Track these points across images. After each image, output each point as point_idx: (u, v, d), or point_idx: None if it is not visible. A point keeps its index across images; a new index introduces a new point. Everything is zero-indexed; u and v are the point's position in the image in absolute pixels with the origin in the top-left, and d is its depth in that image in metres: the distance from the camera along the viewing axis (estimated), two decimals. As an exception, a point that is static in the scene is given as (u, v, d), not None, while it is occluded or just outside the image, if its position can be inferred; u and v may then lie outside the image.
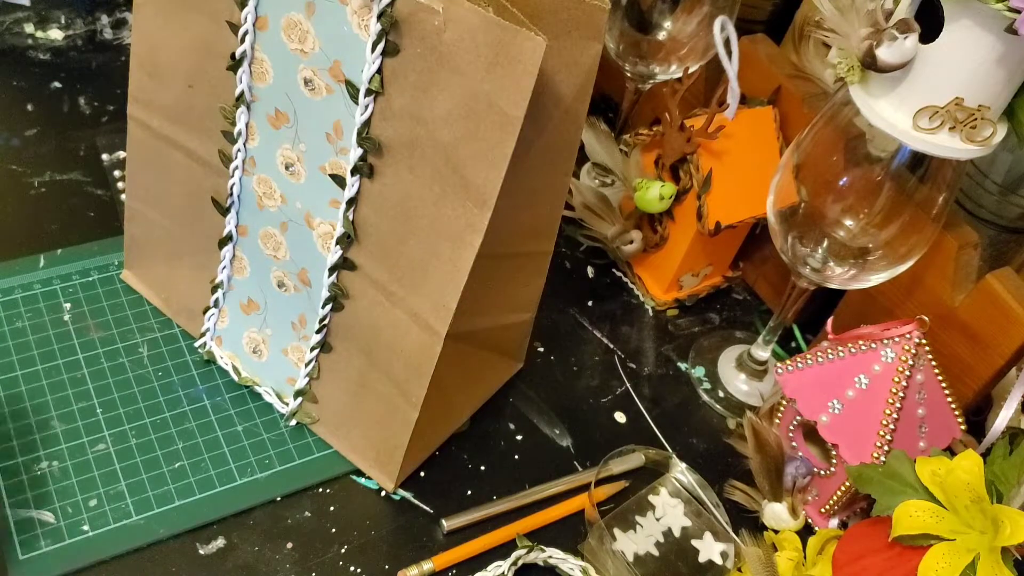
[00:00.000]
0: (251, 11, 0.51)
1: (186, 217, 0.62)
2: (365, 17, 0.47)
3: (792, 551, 0.62)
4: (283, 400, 0.63)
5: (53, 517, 0.56)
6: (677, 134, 0.71)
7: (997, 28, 0.49)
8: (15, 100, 0.79)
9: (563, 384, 0.72)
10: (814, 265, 0.64)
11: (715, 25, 0.68)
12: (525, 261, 0.60)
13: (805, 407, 0.62)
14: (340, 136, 0.52)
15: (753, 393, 0.74)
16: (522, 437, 0.67)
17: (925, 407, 0.61)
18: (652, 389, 0.73)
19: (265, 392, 0.64)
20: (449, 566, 0.59)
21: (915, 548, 0.53)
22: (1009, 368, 0.64)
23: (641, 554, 0.62)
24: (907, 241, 0.61)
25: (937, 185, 0.59)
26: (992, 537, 0.52)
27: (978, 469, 0.53)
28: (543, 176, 0.55)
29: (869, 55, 0.52)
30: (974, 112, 0.52)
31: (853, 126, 0.58)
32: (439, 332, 0.53)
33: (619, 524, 0.63)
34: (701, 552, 0.63)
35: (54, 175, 0.75)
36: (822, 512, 0.65)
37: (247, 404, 0.64)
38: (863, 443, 0.60)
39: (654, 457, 0.67)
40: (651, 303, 0.79)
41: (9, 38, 0.84)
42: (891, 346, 0.60)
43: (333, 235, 0.55)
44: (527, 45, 0.43)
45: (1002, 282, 0.62)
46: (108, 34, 0.87)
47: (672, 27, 0.75)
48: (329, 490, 0.62)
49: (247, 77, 0.54)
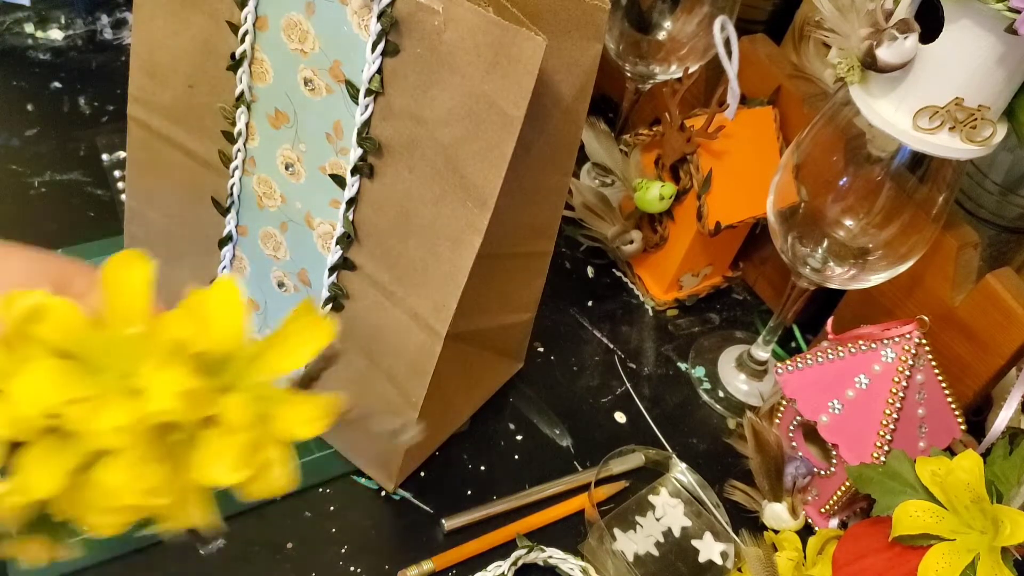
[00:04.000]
0: (251, 11, 0.51)
1: (186, 217, 0.62)
2: (365, 17, 0.47)
3: (792, 551, 0.62)
4: (283, 400, 0.63)
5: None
6: (677, 134, 0.71)
7: (997, 28, 0.49)
8: (15, 100, 0.79)
9: (563, 384, 0.72)
10: (814, 265, 0.64)
11: (715, 25, 0.68)
12: (525, 261, 0.60)
13: (805, 407, 0.62)
14: (340, 136, 0.52)
15: (753, 393, 0.74)
16: (522, 437, 0.67)
17: (925, 407, 0.61)
18: (652, 389, 0.73)
19: (265, 392, 0.64)
20: (449, 566, 0.59)
21: (915, 548, 0.53)
22: (1009, 368, 0.64)
23: (641, 554, 0.62)
24: (907, 241, 0.61)
25: (937, 185, 0.59)
26: (992, 537, 0.52)
27: (978, 469, 0.53)
28: (543, 176, 0.55)
29: (869, 55, 0.52)
30: (974, 112, 0.52)
31: (853, 126, 0.58)
32: (439, 332, 0.53)
33: (619, 524, 0.63)
34: (701, 552, 0.63)
35: (54, 175, 0.75)
36: (822, 512, 0.65)
37: (247, 404, 0.64)
38: (863, 443, 0.60)
39: (654, 457, 0.67)
40: (651, 303, 0.79)
41: (9, 38, 0.84)
42: (891, 346, 0.60)
43: (333, 235, 0.55)
44: (527, 45, 0.43)
45: (1002, 282, 0.62)
46: (108, 34, 0.87)
47: (672, 27, 0.75)
48: (329, 490, 0.61)
49: (247, 77, 0.54)
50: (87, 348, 0.33)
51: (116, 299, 0.33)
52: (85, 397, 0.31)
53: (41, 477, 0.31)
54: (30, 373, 0.31)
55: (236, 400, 0.33)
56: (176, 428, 0.33)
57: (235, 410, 0.33)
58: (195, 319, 0.34)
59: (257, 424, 0.34)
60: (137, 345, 0.33)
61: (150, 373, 0.32)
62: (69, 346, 0.32)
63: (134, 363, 0.32)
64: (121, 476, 0.32)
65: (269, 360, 0.35)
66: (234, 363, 0.35)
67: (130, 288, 0.33)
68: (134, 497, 0.32)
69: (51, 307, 0.32)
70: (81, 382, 0.32)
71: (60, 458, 0.32)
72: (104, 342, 0.33)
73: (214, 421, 0.33)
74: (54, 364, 0.32)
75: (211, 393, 0.33)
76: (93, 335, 0.33)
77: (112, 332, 0.33)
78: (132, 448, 0.32)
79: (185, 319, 0.33)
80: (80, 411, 0.31)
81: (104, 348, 0.33)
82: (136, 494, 0.32)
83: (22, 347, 0.32)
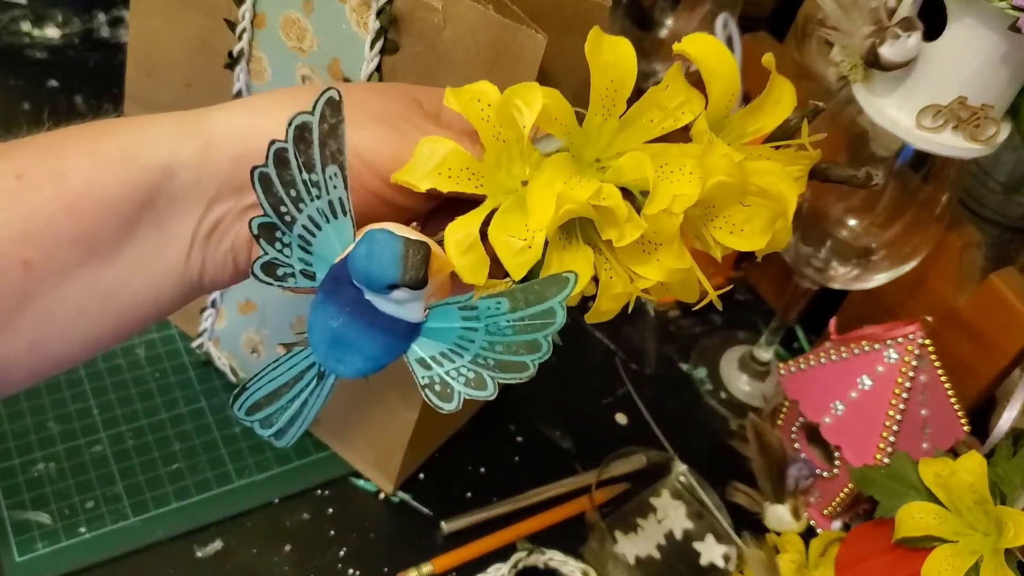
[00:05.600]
0: (249, 8, 0.51)
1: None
2: (364, 15, 0.47)
3: (794, 553, 0.61)
4: (281, 401, 0.63)
5: (50, 519, 0.56)
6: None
7: (1000, 26, 0.49)
8: (11, 99, 0.79)
9: (564, 385, 0.71)
10: (817, 265, 0.63)
11: (717, 23, 0.68)
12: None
13: (808, 408, 0.62)
14: (339, 135, 0.51)
15: (755, 394, 0.74)
16: (522, 439, 0.67)
17: (928, 408, 0.60)
18: (653, 390, 0.73)
19: (263, 393, 0.63)
20: (449, 569, 0.59)
21: (918, 550, 0.53)
22: (1013, 368, 0.64)
23: (642, 556, 0.61)
24: (910, 241, 0.60)
25: (940, 184, 0.58)
26: (995, 539, 0.51)
27: (981, 470, 0.53)
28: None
29: (872, 53, 0.52)
30: (977, 111, 0.52)
31: (856, 125, 0.58)
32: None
33: (620, 526, 0.63)
34: (703, 554, 0.62)
35: (51, 175, 0.74)
36: (825, 514, 0.65)
37: (245, 405, 0.64)
38: (866, 444, 0.59)
39: (655, 459, 0.67)
40: (652, 303, 0.79)
41: (5, 36, 0.83)
42: (894, 347, 0.59)
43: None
44: (527, 43, 0.43)
45: (1006, 282, 0.62)
46: (105, 32, 0.87)
47: (674, 25, 0.75)
48: (327, 492, 0.61)
49: (245, 75, 0.53)
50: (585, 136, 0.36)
51: (602, 75, 0.36)
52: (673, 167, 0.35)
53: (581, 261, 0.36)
54: (548, 173, 0.34)
55: (768, 166, 0.37)
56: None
57: (770, 176, 0.37)
58: (682, 87, 0.37)
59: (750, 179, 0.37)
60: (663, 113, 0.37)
61: (708, 151, 0.35)
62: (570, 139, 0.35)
63: (664, 121, 0.37)
64: (668, 258, 0.36)
65: (756, 119, 0.39)
66: (730, 123, 0.38)
67: (616, 70, 0.36)
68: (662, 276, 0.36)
69: (548, 97, 0.34)
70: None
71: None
72: (597, 128, 0.36)
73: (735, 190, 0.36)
74: (566, 160, 0.35)
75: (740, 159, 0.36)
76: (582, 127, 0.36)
77: (601, 119, 0.36)
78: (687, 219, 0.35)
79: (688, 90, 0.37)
80: (645, 181, 0.35)
81: (604, 134, 0.36)
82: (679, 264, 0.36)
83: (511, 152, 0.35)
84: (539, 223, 0.34)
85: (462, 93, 0.35)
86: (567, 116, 0.35)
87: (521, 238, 0.34)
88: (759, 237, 0.37)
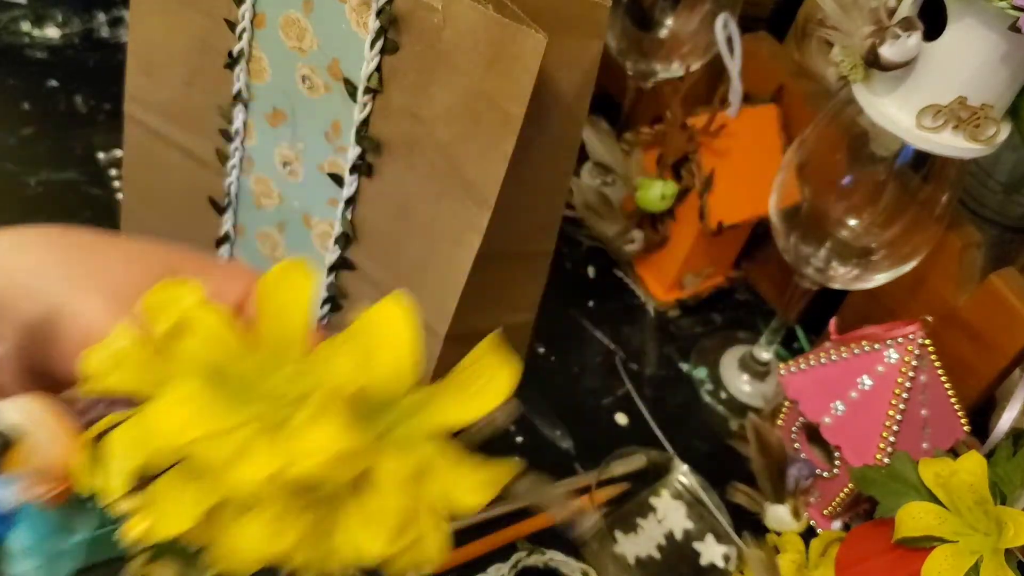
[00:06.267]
0: (248, 8, 0.51)
1: (183, 216, 0.62)
2: (364, 15, 0.47)
3: (794, 553, 0.61)
4: (281, 401, 0.63)
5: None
6: (679, 133, 0.71)
7: (1000, 26, 0.49)
8: (11, 99, 0.79)
9: (564, 385, 0.71)
10: (817, 265, 0.63)
11: (717, 23, 0.68)
12: (525, 261, 0.60)
13: (808, 408, 0.62)
14: (338, 135, 0.51)
15: (755, 394, 0.74)
16: (522, 439, 0.67)
17: (928, 408, 0.60)
18: (653, 390, 0.73)
19: (263, 393, 0.63)
20: (448, 568, 0.58)
21: (918, 550, 0.53)
22: (1013, 368, 0.64)
23: (642, 557, 0.61)
24: (910, 241, 0.60)
25: (940, 184, 0.58)
26: (996, 539, 0.51)
27: (982, 471, 0.53)
28: (543, 175, 0.55)
29: (872, 53, 0.52)
30: (977, 111, 0.52)
31: (856, 125, 0.58)
32: (439, 333, 0.53)
33: (620, 526, 0.62)
34: (703, 554, 0.62)
35: (50, 174, 0.74)
36: (825, 514, 0.65)
37: (245, 405, 0.63)
38: (866, 444, 0.59)
39: (655, 459, 0.67)
40: (653, 303, 0.79)
41: (5, 36, 0.83)
42: (894, 347, 0.59)
43: (331, 235, 0.54)
44: (527, 43, 0.43)
45: (1006, 282, 0.62)
46: (105, 32, 0.87)
47: (674, 25, 0.75)
48: (328, 492, 0.61)
49: (244, 75, 0.53)
50: (236, 369, 0.29)
51: (272, 317, 0.29)
52: (230, 429, 0.27)
53: (174, 513, 0.28)
54: (172, 397, 0.28)
55: (394, 460, 0.29)
56: (324, 484, 0.29)
57: (393, 472, 0.29)
58: (359, 351, 0.29)
59: (414, 487, 0.30)
60: (293, 377, 0.29)
61: (302, 425, 0.28)
62: (217, 364, 0.29)
63: (287, 396, 0.28)
64: (258, 530, 0.28)
65: (439, 409, 0.31)
66: (398, 407, 0.30)
67: (289, 306, 0.29)
68: (269, 551, 0.29)
69: (202, 319, 0.29)
70: (227, 412, 0.28)
71: (196, 495, 0.28)
72: (256, 366, 0.29)
73: (367, 478, 0.29)
74: (198, 389, 0.28)
75: (367, 451, 0.29)
76: (244, 356, 0.29)
77: (265, 356, 0.29)
78: (272, 502, 0.28)
79: (348, 352, 0.29)
80: (223, 450, 0.27)
81: (255, 373, 0.29)
82: (272, 548, 0.29)
83: (167, 358, 0.29)
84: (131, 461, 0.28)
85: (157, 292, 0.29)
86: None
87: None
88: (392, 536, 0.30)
